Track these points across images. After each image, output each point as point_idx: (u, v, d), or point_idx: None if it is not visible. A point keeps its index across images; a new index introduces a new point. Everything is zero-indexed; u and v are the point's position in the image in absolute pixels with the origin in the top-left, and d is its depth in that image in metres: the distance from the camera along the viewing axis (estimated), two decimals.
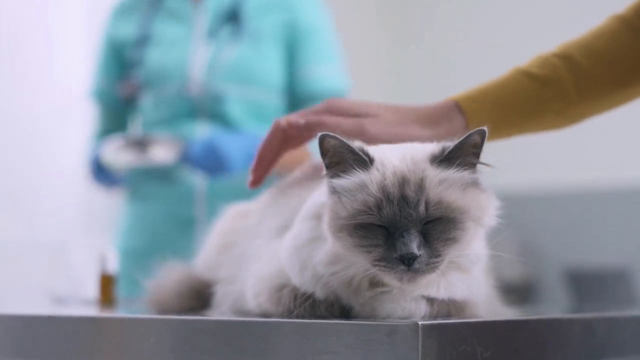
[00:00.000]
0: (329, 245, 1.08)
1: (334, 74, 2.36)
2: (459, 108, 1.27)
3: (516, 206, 3.90)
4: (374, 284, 1.08)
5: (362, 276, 1.07)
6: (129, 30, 2.37)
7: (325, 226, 1.08)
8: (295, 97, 2.33)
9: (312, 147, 1.87)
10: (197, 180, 2.25)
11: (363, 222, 1.05)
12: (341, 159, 1.08)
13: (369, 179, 1.06)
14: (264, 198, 1.34)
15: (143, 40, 2.35)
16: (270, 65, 2.28)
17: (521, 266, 4.34)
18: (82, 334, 1.19)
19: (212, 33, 2.30)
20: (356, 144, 1.09)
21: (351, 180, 1.07)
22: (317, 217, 1.11)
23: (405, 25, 4.96)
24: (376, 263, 1.05)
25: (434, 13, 4.94)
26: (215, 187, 2.24)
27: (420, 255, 1.03)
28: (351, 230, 1.06)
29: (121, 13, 2.41)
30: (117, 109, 2.43)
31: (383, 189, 1.05)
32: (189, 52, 2.30)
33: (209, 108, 2.28)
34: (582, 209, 4.49)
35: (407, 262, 1.03)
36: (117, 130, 2.42)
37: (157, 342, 1.12)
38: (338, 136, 1.07)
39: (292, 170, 1.34)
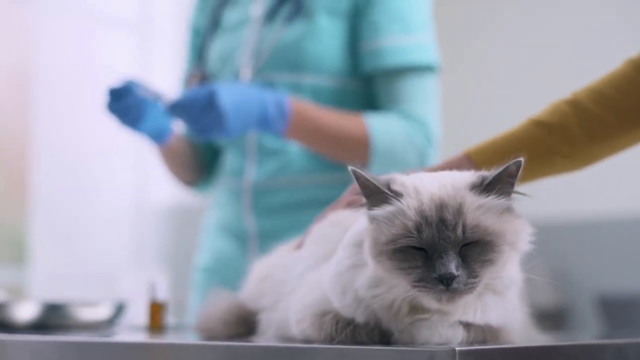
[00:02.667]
0: (370, 269, 1.10)
1: (412, 45, 1.93)
2: (470, 160, 1.30)
3: (549, 234, 3.88)
4: (413, 308, 1.08)
5: (402, 299, 1.08)
6: (204, 20, 2.13)
7: (366, 251, 1.09)
8: (361, 77, 1.96)
9: None
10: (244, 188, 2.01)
11: (402, 246, 1.06)
12: (373, 191, 1.10)
13: (406, 205, 1.08)
14: (311, 231, 1.35)
15: (212, 30, 2.10)
16: (324, 46, 1.93)
17: (554, 293, 4.31)
18: (133, 359, 1.20)
19: (269, 17, 1.99)
20: (383, 178, 1.11)
21: (387, 209, 1.08)
22: (358, 244, 1.13)
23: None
24: (416, 284, 1.05)
25: (470, 45, 4.94)
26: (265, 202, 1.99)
27: (458, 275, 1.04)
28: (390, 254, 1.07)
29: (201, 2, 2.16)
30: None
31: (421, 213, 1.07)
32: (243, 38, 2.02)
33: None
34: (613, 236, 4.45)
35: (446, 282, 1.04)
36: None
37: None
38: (363, 173, 1.09)
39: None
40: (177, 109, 1.79)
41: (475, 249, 1.06)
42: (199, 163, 2.16)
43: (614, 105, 1.34)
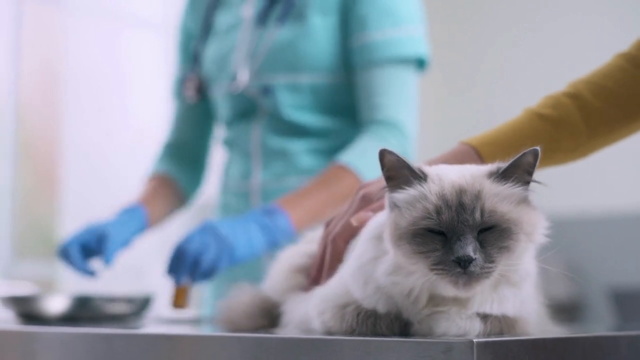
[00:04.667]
0: (390, 256, 1.09)
1: (402, 37, 1.91)
2: (477, 152, 1.28)
3: (563, 229, 3.86)
4: (432, 298, 1.08)
5: (421, 286, 1.07)
6: (195, 22, 2.10)
7: (387, 237, 1.09)
8: (351, 71, 1.94)
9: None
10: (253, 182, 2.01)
11: (422, 229, 1.06)
12: (399, 173, 1.10)
13: (428, 190, 1.08)
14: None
15: (204, 35, 2.06)
16: (317, 44, 1.92)
17: (568, 286, 4.29)
18: (160, 350, 1.21)
19: (261, 18, 1.97)
20: (414, 162, 1.11)
21: (410, 193, 1.08)
22: (379, 237, 1.12)
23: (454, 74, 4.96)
24: (434, 267, 1.05)
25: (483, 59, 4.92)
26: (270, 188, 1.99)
27: (475, 258, 1.04)
28: (410, 238, 1.06)
29: (192, 4, 2.12)
30: (191, 108, 2.13)
31: (442, 197, 1.07)
32: (236, 42, 2.00)
33: (259, 103, 1.97)
34: (626, 230, 4.43)
35: (463, 264, 1.04)
36: (194, 130, 2.14)
37: (229, 358, 1.13)
38: (395, 152, 1.09)
39: None
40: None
41: (493, 235, 1.06)
42: (182, 201, 2.15)
43: (615, 98, 1.32)
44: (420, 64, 1.95)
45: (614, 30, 4.45)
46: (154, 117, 4.31)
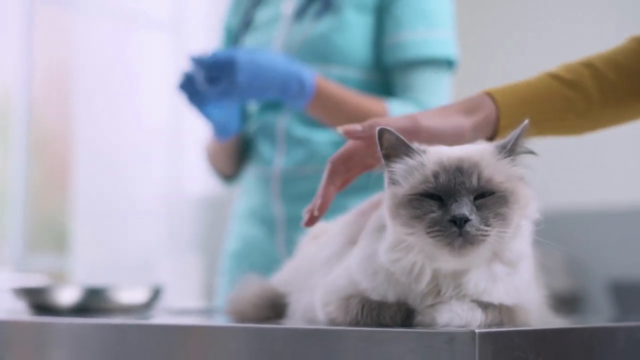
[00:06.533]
0: (389, 233, 1.09)
1: (433, 39, 1.95)
2: (492, 99, 1.27)
3: (563, 223, 3.85)
4: (434, 278, 1.08)
5: (422, 261, 1.07)
6: (237, 19, 2.15)
7: (385, 211, 1.09)
8: (383, 69, 1.98)
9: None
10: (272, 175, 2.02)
11: (419, 194, 1.06)
12: (398, 151, 1.10)
13: (427, 159, 1.09)
14: (342, 219, 1.34)
15: (244, 29, 2.11)
16: (350, 39, 1.96)
17: (568, 278, 4.29)
18: (169, 340, 1.21)
19: (299, 14, 2.02)
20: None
21: (409, 163, 1.09)
22: (381, 228, 1.12)
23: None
24: (430, 229, 1.05)
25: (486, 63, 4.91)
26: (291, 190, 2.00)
27: (471, 219, 1.04)
28: (407, 204, 1.07)
29: (235, 4, 2.18)
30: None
31: (440, 163, 1.07)
32: (273, 35, 2.04)
33: None
34: (625, 225, 4.43)
35: (459, 223, 1.03)
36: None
37: (237, 348, 1.14)
38: (394, 131, 1.09)
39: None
40: (198, 64, 1.79)
41: (489, 201, 1.06)
42: (240, 157, 2.15)
43: (626, 73, 1.33)
44: (449, 65, 1.97)
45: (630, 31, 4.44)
46: (162, 115, 4.31)
